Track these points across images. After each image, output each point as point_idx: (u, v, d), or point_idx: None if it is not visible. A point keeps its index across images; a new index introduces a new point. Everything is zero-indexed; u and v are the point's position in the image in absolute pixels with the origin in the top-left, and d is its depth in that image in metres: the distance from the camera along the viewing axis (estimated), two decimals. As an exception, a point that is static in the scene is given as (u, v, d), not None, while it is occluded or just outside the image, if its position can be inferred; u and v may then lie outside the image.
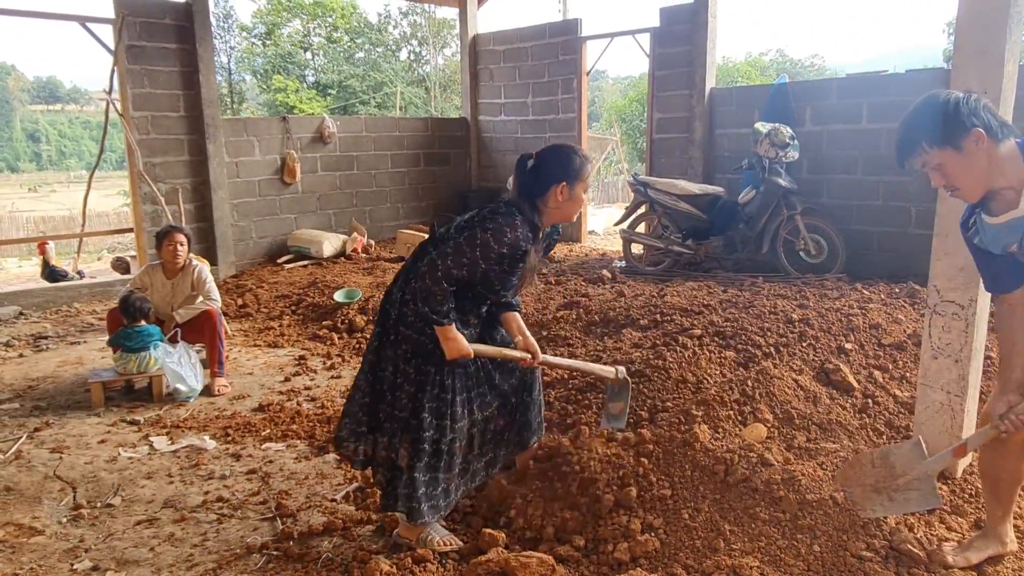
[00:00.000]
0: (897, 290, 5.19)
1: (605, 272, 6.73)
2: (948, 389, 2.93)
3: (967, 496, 2.84)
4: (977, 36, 2.70)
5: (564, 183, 2.60)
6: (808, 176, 6.88)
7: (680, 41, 7.90)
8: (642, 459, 2.90)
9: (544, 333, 4.97)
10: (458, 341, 2.57)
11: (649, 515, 2.64)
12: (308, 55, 28.90)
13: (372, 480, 2.97)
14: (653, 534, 2.56)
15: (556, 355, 4.02)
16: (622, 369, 3.13)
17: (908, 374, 3.71)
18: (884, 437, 3.23)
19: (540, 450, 3.16)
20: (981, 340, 2.95)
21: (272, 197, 8.41)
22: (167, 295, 4.84)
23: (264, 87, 27.71)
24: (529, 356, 2.79)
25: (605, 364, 3.43)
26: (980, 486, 2.64)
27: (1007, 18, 2.63)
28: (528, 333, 2.86)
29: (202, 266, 4.93)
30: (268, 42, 27.89)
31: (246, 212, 8.16)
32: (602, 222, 11.73)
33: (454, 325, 2.56)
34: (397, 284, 2.72)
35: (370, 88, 26.87)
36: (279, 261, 8.16)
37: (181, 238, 4.79)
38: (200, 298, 4.81)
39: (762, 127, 6.48)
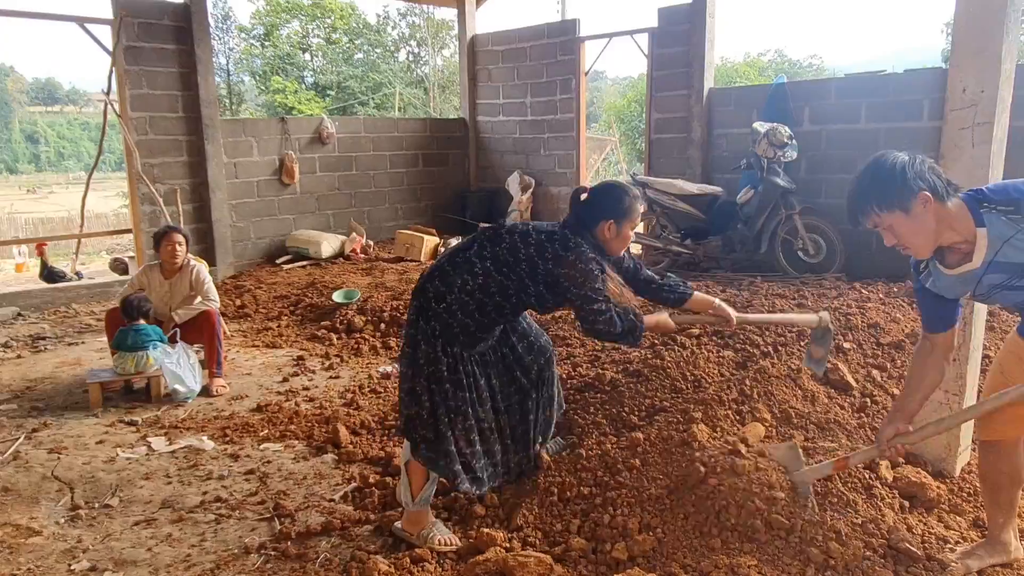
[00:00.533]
0: (895, 289, 5.19)
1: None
2: (946, 388, 2.93)
3: (965, 495, 2.85)
4: (975, 36, 2.70)
5: (612, 221, 2.74)
6: (806, 176, 6.88)
7: (678, 41, 7.90)
8: (635, 459, 2.90)
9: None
10: (661, 324, 2.92)
11: (646, 514, 2.64)
12: (307, 56, 28.91)
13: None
14: (651, 533, 2.55)
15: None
16: (825, 315, 3.17)
17: (906, 373, 3.70)
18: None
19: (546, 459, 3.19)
20: (979, 339, 2.95)
21: (271, 198, 8.41)
22: (165, 295, 4.83)
23: (263, 88, 27.72)
24: (724, 319, 3.04)
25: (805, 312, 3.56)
26: (980, 490, 2.64)
27: (1004, 17, 2.64)
28: (719, 301, 3.09)
29: (200, 266, 4.93)
30: (267, 43, 27.90)
31: (245, 213, 8.15)
32: (601, 222, 11.72)
33: (641, 317, 2.76)
34: (437, 277, 2.76)
35: (369, 89, 26.87)
36: (278, 262, 8.16)
37: (179, 238, 4.79)
38: (199, 298, 4.81)
39: (760, 127, 6.48)
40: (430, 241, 8.32)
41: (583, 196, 2.81)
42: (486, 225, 2.97)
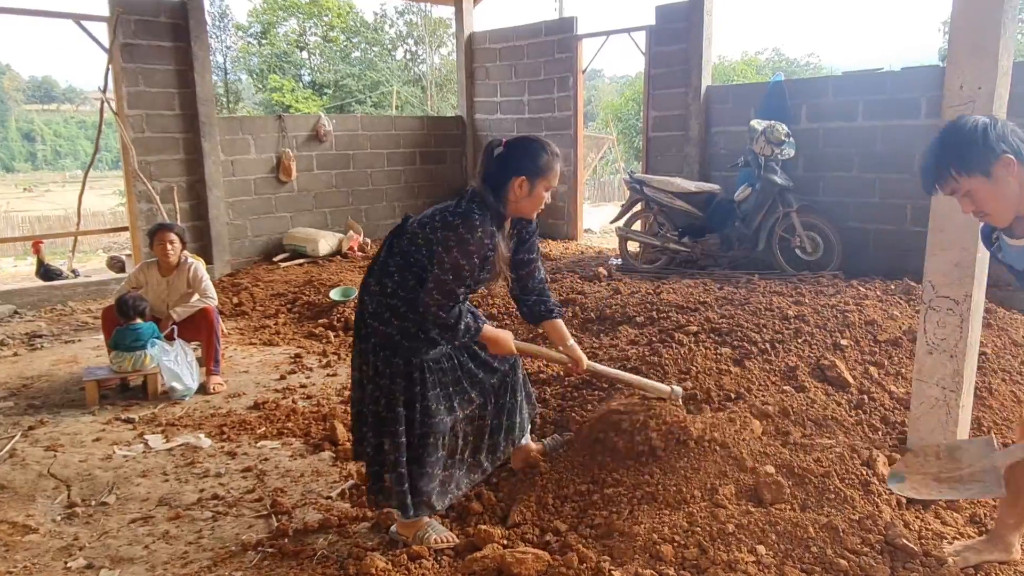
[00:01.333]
0: (893, 287, 5.19)
1: (601, 270, 6.73)
2: (943, 384, 2.93)
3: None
4: (972, 33, 2.70)
5: (524, 177, 2.52)
6: (804, 174, 6.89)
7: (676, 39, 7.90)
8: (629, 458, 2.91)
9: (540, 330, 4.96)
10: (499, 341, 2.69)
11: (649, 507, 2.64)
12: (304, 54, 28.87)
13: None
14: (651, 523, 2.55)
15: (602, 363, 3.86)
16: (678, 389, 3.04)
17: (903, 370, 3.71)
18: (879, 433, 3.23)
19: (543, 455, 3.16)
20: (976, 335, 2.95)
21: (268, 195, 8.40)
22: (162, 293, 4.82)
23: (260, 86, 27.69)
24: (570, 361, 2.86)
25: (657, 381, 3.30)
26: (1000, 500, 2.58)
27: (1001, 14, 2.63)
28: (572, 342, 2.92)
29: (197, 264, 4.91)
30: (264, 41, 27.87)
31: (242, 210, 8.14)
32: (598, 220, 11.74)
33: (485, 325, 2.65)
34: (370, 279, 2.69)
35: (366, 87, 26.85)
36: (275, 260, 8.15)
37: (171, 236, 4.75)
38: (196, 296, 4.80)
39: (758, 124, 6.48)
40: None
41: (498, 150, 2.56)
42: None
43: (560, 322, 2.93)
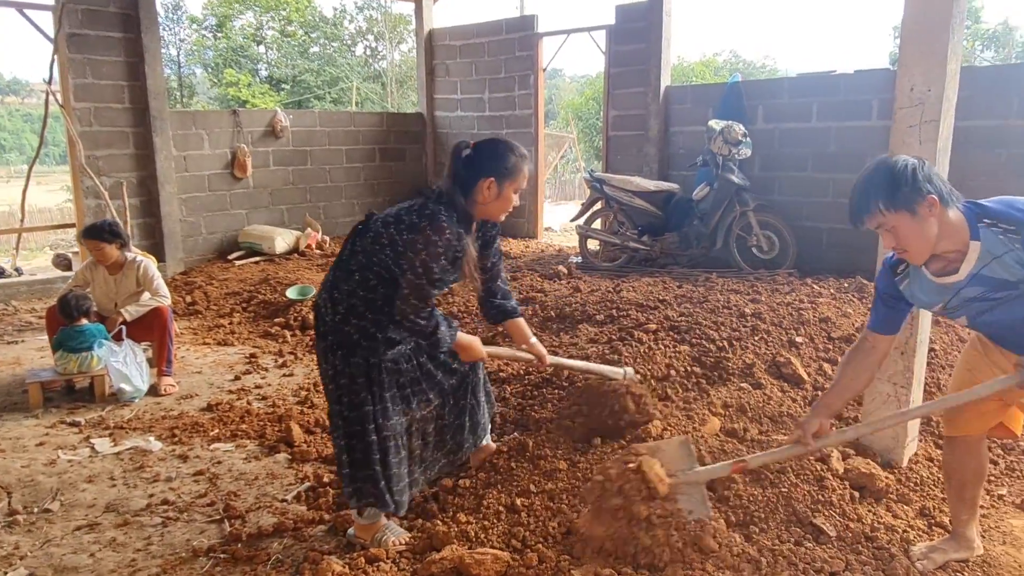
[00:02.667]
0: (846, 284, 5.30)
1: (561, 268, 6.74)
2: (895, 381, 2.99)
3: (912, 484, 2.91)
4: (922, 36, 2.76)
5: (492, 179, 2.51)
6: (760, 173, 7.00)
7: (635, 39, 7.95)
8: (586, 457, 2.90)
9: (500, 328, 4.94)
10: (471, 348, 2.69)
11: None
12: (261, 49, 28.32)
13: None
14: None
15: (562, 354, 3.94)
16: (630, 371, 3.12)
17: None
18: (833, 428, 3.28)
19: (498, 453, 3.13)
20: (926, 333, 3.02)
21: (222, 192, 8.21)
22: (110, 291, 4.67)
23: (215, 81, 27.06)
24: (535, 359, 2.91)
25: (614, 365, 3.42)
26: (945, 486, 2.68)
27: (950, 18, 2.70)
28: (534, 339, 2.96)
29: (147, 262, 4.76)
30: (219, 35, 27.25)
31: (195, 207, 7.94)
32: (559, 218, 11.77)
33: (458, 332, 2.62)
34: (331, 277, 2.66)
35: (325, 83, 26.46)
36: (230, 258, 7.97)
37: (99, 244, 4.50)
38: (147, 295, 4.66)
39: (716, 124, 6.56)
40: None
41: (466, 152, 2.54)
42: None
43: (522, 321, 2.97)
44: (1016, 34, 25.32)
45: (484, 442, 3.16)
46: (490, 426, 3.21)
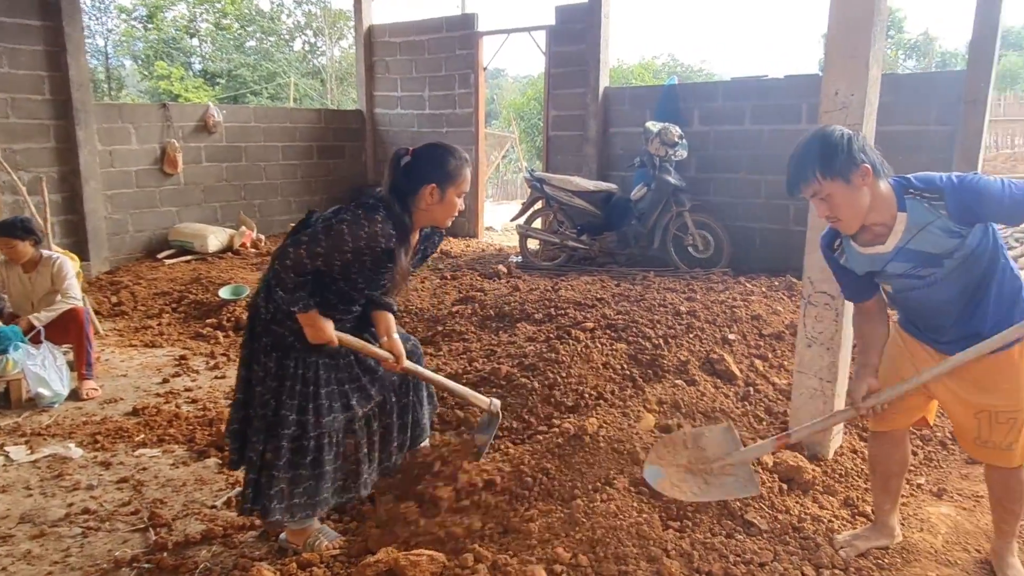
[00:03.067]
0: (776, 283, 5.46)
1: (501, 267, 6.74)
2: (821, 375, 3.09)
3: (837, 476, 3.01)
4: (846, 42, 2.85)
5: (435, 185, 2.46)
6: (696, 174, 7.14)
7: (575, 40, 8.01)
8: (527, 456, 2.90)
9: (439, 328, 4.91)
10: (319, 327, 2.47)
11: (545, 504, 2.64)
12: (194, 41, 27.44)
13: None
14: (546, 520, 2.55)
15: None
16: (496, 402, 2.95)
17: (786, 362, 3.90)
18: (764, 423, 3.38)
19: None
20: (850, 329, 3.12)
21: (151, 189, 7.91)
22: (26, 291, 4.45)
23: (146, 74, 26.08)
24: (392, 358, 2.65)
25: (480, 392, 3.20)
26: (869, 477, 2.76)
27: (872, 26, 2.80)
28: (396, 336, 2.72)
29: (63, 260, 4.53)
30: (150, 26, 26.29)
31: (122, 204, 7.63)
32: (500, 218, 11.77)
33: (314, 312, 2.46)
34: (267, 277, 2.58)
35: (262, 79, 25.81)
36: (159, 256, 7.69)
37: (10, 241, 4.29)
38: (58, 296, 4.43)
39: (653, 126, 6.66)
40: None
41: (404, 159, 2.50)
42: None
43: (390, 316, 2.77)
44: (936, 44, 26.59)
45: (423, 443, 3.11)
46: (430, 425, 3.16)
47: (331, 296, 2.54)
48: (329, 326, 2.52)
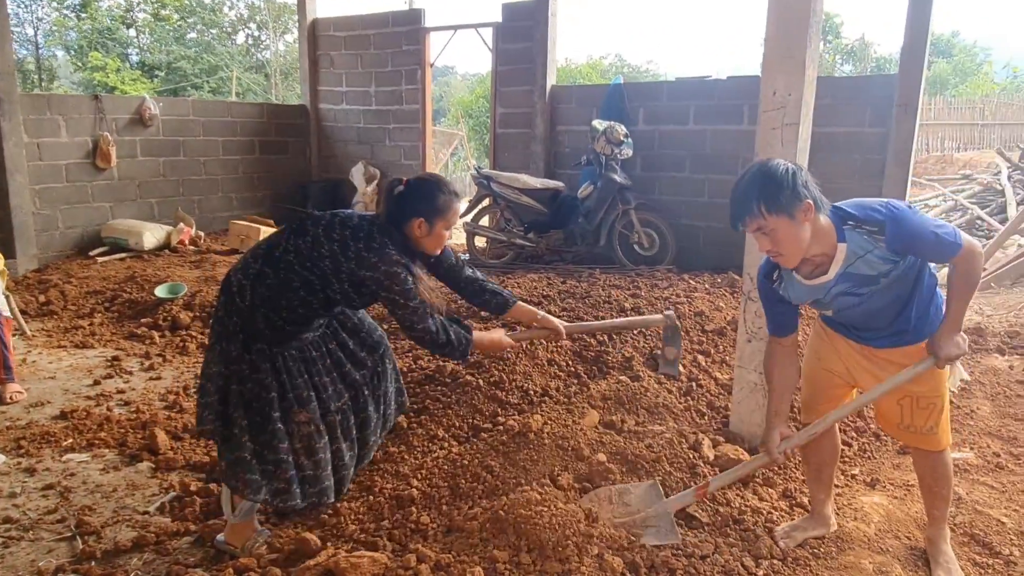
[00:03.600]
0: (719, 280, 5.55)
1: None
2: (760, 370, 3.14)
3: (776, 469, 3.07)
4: (783, 43, 2.91)
5: (423, 219, 2.56)
6: (641, 173, 7.22)
7: (522, 37, 8.01)
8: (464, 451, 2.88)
9: (385, 325, 4.83)
10: (495, 344, 2.85)
11: (489, 502, 2.62)
12: (131, 32, 26.52)
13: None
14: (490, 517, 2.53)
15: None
16: (671, 314, 3.10)
17: (727, 358, 3.97)
18: (706, 417, 3.43)
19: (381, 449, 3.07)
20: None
21: (83, 183, 7.60)
22: (-55, 291, 4.21)
23: (79, 65, 25.10)
24: (554, 330, 2.99)
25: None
26: (803, 469, 2.84)
27: (807, 28, 2.86)
28: (542, 313, 3.04)
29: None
30: (84, 15, 25.30)
31: (51, 199, 7.31)
32: (448, 216, 11.67)
33: (471, 336, 2.70)
34: (240, 269, 2.60)
35: (203, 72, 25.10)
36: (91, 254, 7.39)
37: None
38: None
39: (599, 125, 6.71)
40: (267, 232, 7.89)
41: (398, 189, 2.60)
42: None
43: (521, 303, 3.03)
44: (871, 49, 27.54)
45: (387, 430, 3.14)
46: (394, 418, 3.15)
47: (317, 307, 2.59)
48: (500, 335, 2.86)
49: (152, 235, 7.54)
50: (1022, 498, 3.00)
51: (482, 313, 4.01)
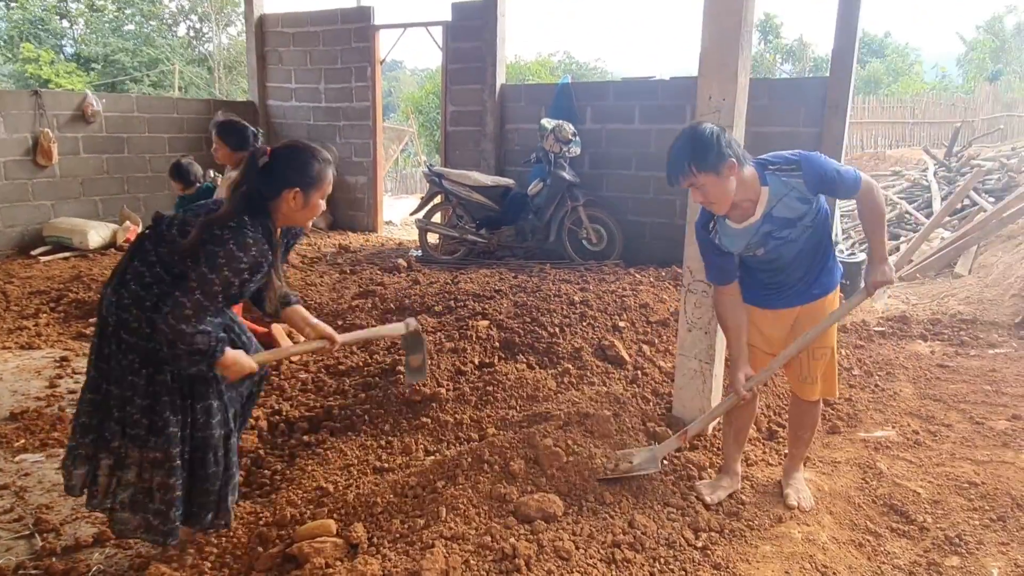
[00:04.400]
0: (663, 273, 5.78)
1: (401, 261, 6.77)
2: (700, 357, 3.34)
3: (716, 450, 3.27)
4: (717, 52, 3.11)
5: (298, 189, 2.34)
6: (589, 171, 7.41)
7: (471, 36, 8.12)
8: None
9: (339, 322, 4.91)
10: (238, 363, 2.33)
11: (459, 489, 2.74)
12: (65, 23, 25.63)
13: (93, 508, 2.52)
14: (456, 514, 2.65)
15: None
16: (412, 321, 2.98)
17: (671, 347, 4.17)
18: (651, 403, 3.61)
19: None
20: (725, 314, 3.39)
21: (22, 181, 7.42)
22: None
23: (10, 56, 24.15)
24: (327, 343, 2.64)
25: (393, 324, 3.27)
26: (723, 429, 3.12)
27: (739, 37, 3.06)
28: (315, 320, 2.68)
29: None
30: (13, 4, 24.33)
31: (-11, 197, 7.13)
32: (399, 212, 11.73)
33: (229, 351, 2.30)
34: (111, 286, 2.38)
35: (143, 65, 24.44)
36: (33, 253, 7.23)
37: None
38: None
39: (548, 123, 6.87)
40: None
41: (262, 160, 2.34)
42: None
43: (300, 307, 2.72)
44: (810, 50, 28.44)
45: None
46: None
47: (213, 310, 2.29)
48: (243, 356, 2.38)
49: (97, 234, 7.41)
50: (937, 471, 3.27)
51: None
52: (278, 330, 4.42)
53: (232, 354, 2.32)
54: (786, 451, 3.24)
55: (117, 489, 2.40)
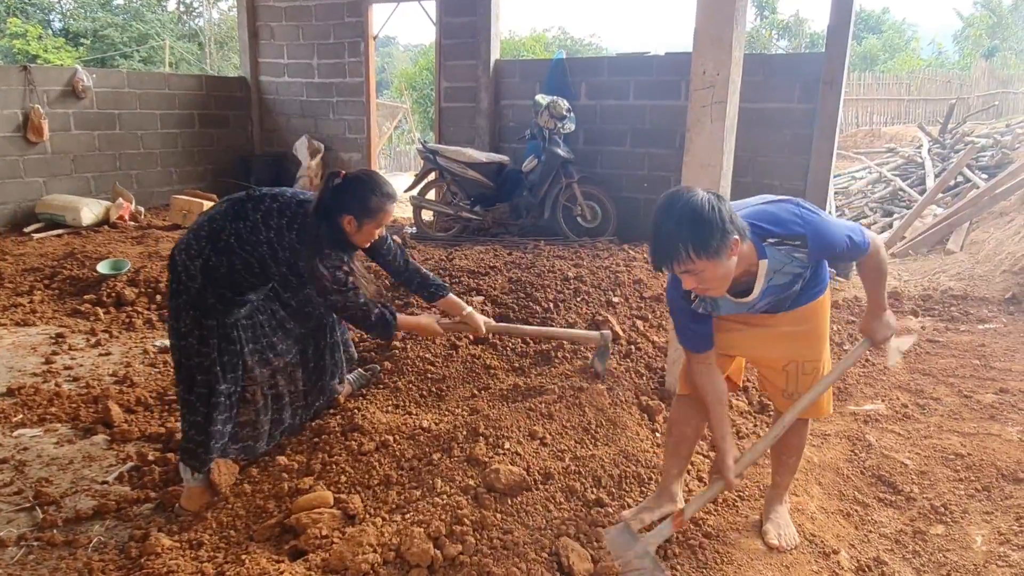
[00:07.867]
0: (658, 251, 5.79)
1: (395, 238, 6.75)
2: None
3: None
4: (712, 25, 3.10)
5: (352, 217, 2.65)
6: (584, 147, 7.40)
7: (465, 11, 8.04)
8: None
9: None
10: (421, 327, 3.05)
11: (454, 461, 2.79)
12: (53, -3, 25.23)
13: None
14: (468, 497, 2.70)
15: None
16: (608, 333, 3.30)
17: (664, 323, 4.20)
18: (644, 377, 3.65)
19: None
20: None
21: (13, 158, 7.37)
22: None
23: (-3, 31, 23.80)
24: (475, 328, 3.18)
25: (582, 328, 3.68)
26: (663, 440, 2.85)
27: (734, 11, 3.05)
28: (469, 309, 3.21)
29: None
30: (0, -22, 23.95)
31: (-20, 174, 7.08)
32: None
33: (395, 317, 2.86)
34: (183, 250, 2.73)
35: (133, 40, 24.12)
36: (26, 230, 7.20)
37: None
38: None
39: (542, 99, 6.84)
40: (210, 207, 7.79)
41: (335, 182, 2.67)
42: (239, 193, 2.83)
43: (453, 296, 3.24)
44: (806, 25, 28.23)
45: (341, 385, 3.38)
46: (340, 370, 3.38)
47: (245, 285, 2.74)
48: (427, 320, 3.06)
49: (90, 211, 7.38)
50: (924, 443, 3.33)
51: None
52: None
53: (414, 319, 3.13)
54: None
55: None
